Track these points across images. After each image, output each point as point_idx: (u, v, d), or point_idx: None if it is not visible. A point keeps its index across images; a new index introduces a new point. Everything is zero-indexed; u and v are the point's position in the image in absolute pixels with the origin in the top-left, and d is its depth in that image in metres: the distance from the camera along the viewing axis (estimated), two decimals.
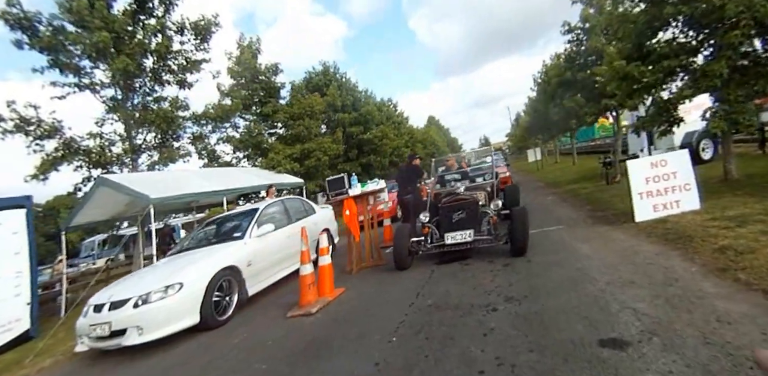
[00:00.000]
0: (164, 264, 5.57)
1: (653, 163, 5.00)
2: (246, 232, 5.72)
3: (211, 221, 6.98)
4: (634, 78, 5.70)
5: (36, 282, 7.20)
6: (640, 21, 5.71)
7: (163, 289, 4.36)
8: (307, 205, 7.66)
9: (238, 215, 6.61)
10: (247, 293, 5.18)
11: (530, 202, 9.93)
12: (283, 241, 6.13)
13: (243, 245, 5.48)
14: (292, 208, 7.16)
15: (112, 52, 9.36)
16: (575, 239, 5.16)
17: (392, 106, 35.99)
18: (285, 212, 6.85)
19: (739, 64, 5.14)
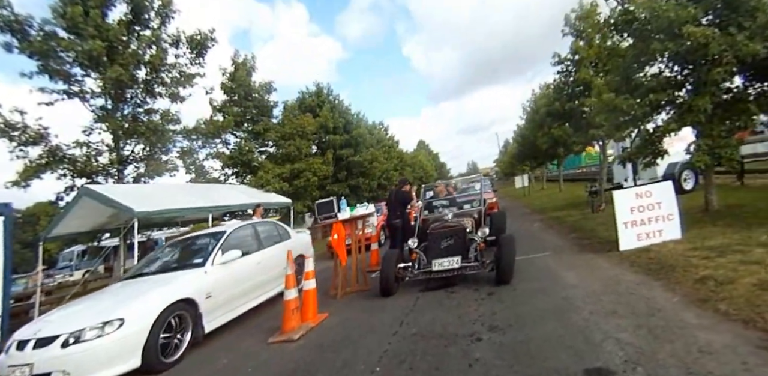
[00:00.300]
0: (112, 292, 4.95)
1: (638, 194, 5.14)
2: (208, 258, 5.08)
3: (173, 243, 6.43)
4: (622, 110, 5.92)
5: (8, 294, 6.87)
6: (628, 55, 6.00)
7: (100, 325, 3.73)
8: (281, 229, 7.14)
9: (202, 238, 5.97)
10: (203, 329, 4.56)
11: (517, 228, 10.00)
12: (251, 268, 5.63)
13: (203, 274, 4.84)
14: (264, 232, 6.63)
15: (105, 61, 9.35)
16: (560, 266, 5.18)
17: (383, 130, 36.62)
18: (256, 236, 6.32)
19: (722, 99, 5.37)
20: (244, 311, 5.36)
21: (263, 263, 5.88)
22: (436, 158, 74.88)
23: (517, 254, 6.28)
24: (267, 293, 5.96)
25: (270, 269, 6.00)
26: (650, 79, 5.86)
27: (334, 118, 20.43)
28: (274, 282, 6.05)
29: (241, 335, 4.95)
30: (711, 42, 4.92)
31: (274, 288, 6.06)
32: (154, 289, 4.40)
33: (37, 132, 9.06)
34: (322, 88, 22.03)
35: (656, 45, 5.42)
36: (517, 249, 6.67)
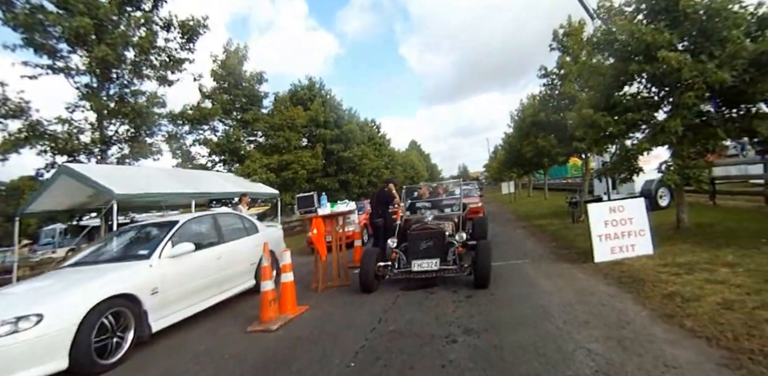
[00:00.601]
0: (42, 281, 4.52)
1: (612, 208, 5.32)
2: (155, 251, 4.60)
3: (124, 230, 5.87)
4: (599, 127, 6.10)
5: None
6: (608, 74, 6.18)
7: (13, 320, 3.26)
8: (248, 222, 6.70)
9: (152, 228, 5.48)
10: (150, 328, 4.15)
11: (500, 233, 10.21)
12: (210, 263, 5.20)
13: (147, 268, 4.38)
14: (227, 224, 6.15)
15: (92, 39, 9.10)
16: (538, 274, 5.32)
17: (375, 127, 36.58)
18: (216, 228, 5.84)
19: (693, 123, 5.60)
20: (203, 308, 4.99)
21: (225, 258, 5.46)
22: (428, 159, 75.20)
23: (498, 260, 6.51)
24: (230, 290, 5.57)
25: (234, 265, 5.63)
26: (628, 99, 6.07)
27: (325, 112, 20.36)
28: (240, 278, 5.79)
29: (223, 322, 4.99)
30: (684, 67, 5.15)
31: (240, 284, 5.80)
32: (88, 282, 3.93)
33: (18, 105, 8.76)
34: (315, 83, 21.95)
35: (634, 66, 5.64)
36: (499, 255, 6.89)
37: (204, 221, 5.88)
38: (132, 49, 10.05)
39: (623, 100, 6.06)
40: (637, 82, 6.12)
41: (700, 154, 5.80)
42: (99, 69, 9.41)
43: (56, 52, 9.17)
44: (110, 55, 9.03)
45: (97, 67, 9.29)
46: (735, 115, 5.63)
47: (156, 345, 4.28)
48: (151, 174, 9.45)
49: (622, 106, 6.03)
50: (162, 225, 5.35)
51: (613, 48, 6.03)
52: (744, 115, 5.54)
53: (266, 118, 15.59)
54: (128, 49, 9.92)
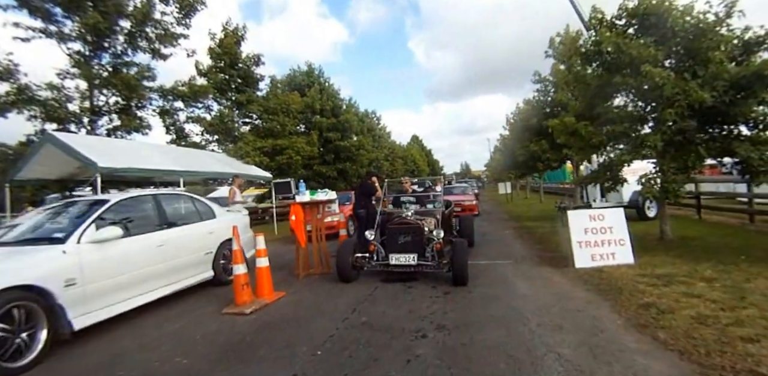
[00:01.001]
0: None
1: (591, 216, 5.32)
2: (72, 234, 3.84)
3: (53, 206, 5.15)
4: (580, 136, 6.08)
5: None
6: (594, 84, 6.15)
7: None
8: (202, 206, 5.85)
9: (76, 206, 4.66)
10: (71, 325, 3.49)
11: (490, 232, 10.22)
12: (149, 252, 4.47)
13: (60, 255, 3.63)
14: (173, 207, 5.38)
15: (88, 5, 8.82)
16: (519, 276, 5.30)
17: (375, 119, 36.36)
18: (158, 211, 5.01)
19: (675, 139, 5.59)
20: (142, 303, 4.34)
21: (170, 246, 4.76)
22: (430, 154, 74.70)
23: (482, 259, 6.53)
24: (179, 282, 4.91)
25: (182, 253, 4.97)
26: (613, 110, 6.05)
27: (321, 100, 20.12)
28: (191, 269, 5.15)
29: (206, 301, 4.99)
30: (666, 84, 5.16)
31: (192, 276, 5.16)
32: None
33: (6, 68, 8.50)
34: (314, 69, 21.64)
35: (618, 79, 5.65)
36: (484, 254, 6.92)
37: (143, 201, 5.01)
38: (127, 18, 9.77)
39: (607, 111, 6.03)
40: (622, 94, 6.10)
41: (680, 169, 5.81)
42: (91, 36, 9.14)
43: (51, 15, 8.88)
44: (102, 24, 8.76)
45: (87, 34, 9.02)
46: (716, 134, 5.66)
47: (129, 323, 4.21)
48: (140, 148, 9.26)
49: (604, 117, 6.01)
50: (87, 204, 4.57)
51: (600, 59, 5.98)
52: (726, 136, 5.59)
53: (260, 101, 15.34)
54: (123, 19, 9.63)
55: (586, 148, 6.44)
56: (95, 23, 8.75)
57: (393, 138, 45.71)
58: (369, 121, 33.06)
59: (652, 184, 5.75)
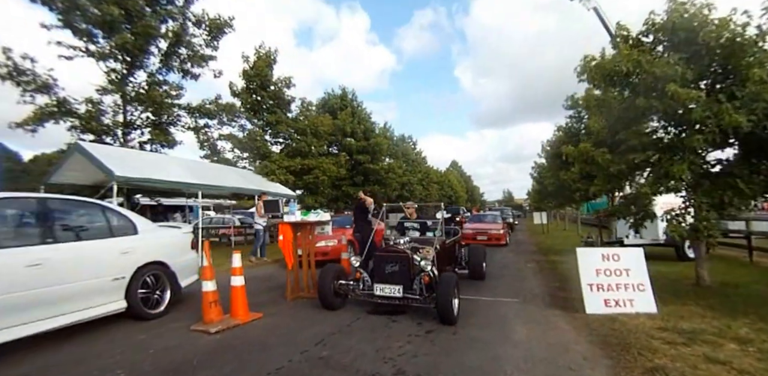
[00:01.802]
0: None
1: (604, 256, 4.67)
2: None
3: None
4: (597, 164, 5.46)
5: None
6: (615, 107, 5.54)
7: None
8: (117, 218, 4.63)
9: None
10: None
11: (510, 264, 9.52)
12: (14, 273, 3.40)
13: None
14: (66, 217, 4.19)
15: (121, 27, 9.50)
16: (520, 317, 4.70)
17: (411, 144, 36.40)
18: (39, 220, 3.93)
19: (709, 170, 4.83)
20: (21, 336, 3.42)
21: (49, 267, 3.62)
22: (469, 181, 73.38)
23: (488, 294, 5.97)
24: (70, 315, 3.82)
25: (74, 278, 3.86)
26: (635, 136, 5.37)
27: (352, 122, 20.43)
28: (90, 298, 4.02)
29: (183, 313, 4.89)
30: (695, 106, 4.48)
31: (92, 308, 4.05)
32: None
33: (45, 81, 9.24)
34: (347, 93, 22.16)
35: (641, 101, 5.01)
36: (492, 288, 6.41)
37: (20, 205, 3.91)
38: (162, 39, 10.45)
39: (629, 137, 5.38)
40: (647, 119, 5.44)
41: (715, 206, 5.00)
42: (123, 55, 9.83)
43: (92, 36, 9.67)
44: (130, 44, 9.39)
45: (119, 53, 9.70)
46: (764, 167, 4.82)
47: (99, 329, 4.20)
48: (162, 161, 9.65)
49: (627, 144, 5.37)
50: None
51: (623, 80, 5.42)
52: None
53: (288, 121, 15.75)
54: (156, 40, 10.31)
55: (604, 179, 5.79)
56: (124, 43, 9.40)
57: (433, 163, 45.48)
58: (404, 146, 33.15)
59: (680, 221, 5.00)
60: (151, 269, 4.69)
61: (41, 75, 9.23)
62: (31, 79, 9.00)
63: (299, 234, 5.89)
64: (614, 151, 5.75)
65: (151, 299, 4.71)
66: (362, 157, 21.33)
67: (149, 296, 4.69)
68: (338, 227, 9.23)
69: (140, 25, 9.59)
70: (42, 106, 9.37)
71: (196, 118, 12.23)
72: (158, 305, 4.78)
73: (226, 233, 15.08)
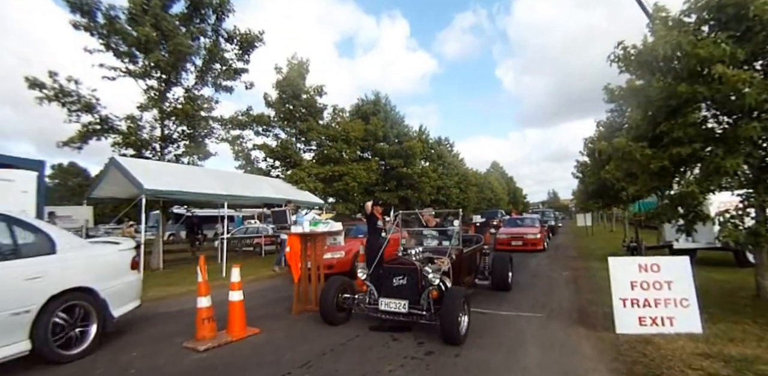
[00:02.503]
0: None
1: (642, 266, 4.01)
2: None
3: None
4: (635, 160, 4.76)
5: None
6: (654, 97, 4.81)
7: None
8: (28, 233, 3.71)
9: None
10: None
11: (543, 272, 8.82)
12: None
13: None
14: None
15: (154, 47, 9.95)
16: (538, 337, 4.18)
17: (448, 146, 35.62)
18: None
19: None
20: None
21: None
22: (511, 182, 70.68)
23: (509, 308, 5.47)
24: None
25: None
26: (678, 128, 4.61)
27: (385, 127, 20.25)
28: None
29: (182, 328, 4.76)
30: (749, 89, 3.79)
31: None
32: None
33: (89, 102, 9.86)
34: (380, 98, 22.06)
35: (683, 88, 4.29)
36: (515, 301, 5.95)
37: None
38: (196, 56, 10.89)
39: (671, 129, 4.66)
40: (694, 108, 4.68)
41: None
42: (157, 73, 10.31)
43: (133, 56, 10.25)
44: (163, 62, 9.81)
45: (151, 70, 10.18)
46: None
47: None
48: (192, 173, 9.97)
49: (668, 137, 4.65)
50: None
51: (662, 65, 4.73)
52: None
53: (319, 128, 15.86)
54: (190, 57, 10.73)
55: (643, 177, 5.09)
56: (157, 62, 9.85)
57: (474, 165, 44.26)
58: (440, 149, 32.51)
59: (736, 224, 4.24)
60: (72, 297, 3.73)
61: (85, 96, 9.90)
62: (75, 100, 9.66)
63: (309, 245, 5.71)
64: (656, 145, 5.06)
65: (69, 335, 3.72)
66: (395, 162, 21.09)
67: (69, 333, 3.72)
68: (353, 236, 8.94)
69: (172, 44, 10.04)
70: (86, 124, 10.04)
71: (229, 129, 12.62)
72: (79, 342, 3.80)
73: (260, 242, 15.36)
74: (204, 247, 14.94)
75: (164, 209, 12.09)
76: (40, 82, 9.34)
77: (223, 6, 11.13)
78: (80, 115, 9.93)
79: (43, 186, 7.63)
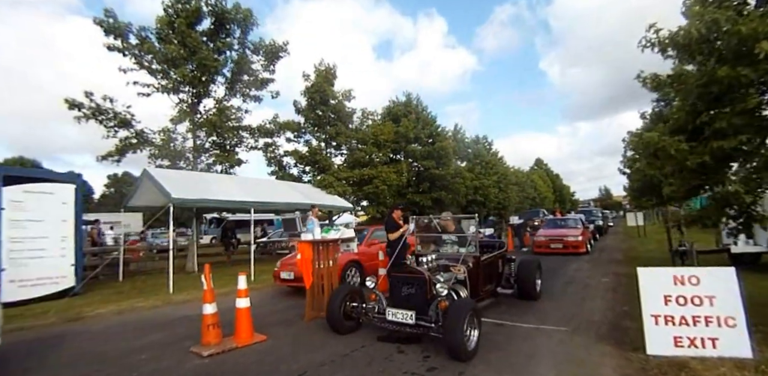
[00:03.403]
0: None
1: (677, 278, 3.49)
2: None
3: None
4: (670, 157, 4.18)
5: (80, 247, 8.34)
6: (693, 83, 4.21)
7: None
8: None
9: None
10: None
11: (581, 279, 8.20)
12: None
13: None
14: None
15: (182, 62, 10.41)
16: (556, 355, 3.78)
17: (486, 144, 34.56)
18: None
19: None
20: None
21: None
22: (557, 180, 67.24)
23: (531, 320, 5.14)
24: None
25: None
26: (722, 117, 3.98)
27: (416, 128, 19.90)
28: None
29: (192, 332, 4.83)
30: None
31: None
32: None
33: (124, 118, 10.47)
34: (411, 99, 21.75)
35: (724, 70, 3.69)
36: (541, 311, 5.60)
37: None
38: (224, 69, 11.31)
39: (713, 119, 4.06)
40: (742, 93, 4.04)
41: None
42: (189, 87, 10.78)
43: (166, 72, 10.78)
44: (189, 77, 10.24)
45: (183, 86, 10.65)
46: None
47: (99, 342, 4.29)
48: (220, 181, 10.25)
49: (710, 129, 4.06)
50: None
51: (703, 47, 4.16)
52: None
53: (347, 132, 15.90)
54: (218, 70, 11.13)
55: (680, 175, 4.52)
56: (184, 76, 10.33)
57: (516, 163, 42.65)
58: (476, 148, 31.64)
59: None
60: None
61: (121, 112, 10.55)
62: (111, 117, 10.32)
63: (321, 252, 5.62)
64: (696, 138, 4.48)
65: None
66: (427, 163, 20.70)
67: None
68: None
69: (197, 59, 10.50)
70: (123, 138, 10.69)
71: (257, 137, 12.98)
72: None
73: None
74: (239, 250, 15.38)
75: (197, 215, 12.59)
76: (78, 102, 10.02)
77: (247, 20, 11.49)
78: (117, 130, 10.56)
79: (80, 197, 8.18)
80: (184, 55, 10.27)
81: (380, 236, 8.34)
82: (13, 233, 6.80)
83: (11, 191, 6.83)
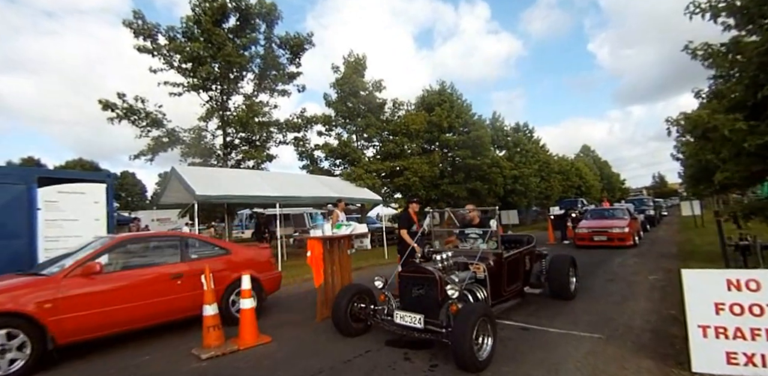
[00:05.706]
0: None
1: (732, 282, 2.87)
2: None
3: None
4: (723, 137, 3.49)
5: None
6: (753, 55, 3.45)
7: None
8: None
9: None
10: None
11: (625, 276, 7.47)
12: None
13: None
14: None
15: (208, 60, 10.51)
16: (579, 368, 3.31)
17: (527, 132, 32.95)
18: None
19: None
20: None
21: None
22: (606, 167, 63.20)
23: (562, 323, 4.67)
24: None
25: None
26: None
27: (450, 117, 19.18)
28: None
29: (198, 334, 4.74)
30: None
31: None
32: None
33: (155, 118, 10.78)
34: (445, 87, 20.97)
35: None
36: (574, 314, 5.09)
37: None
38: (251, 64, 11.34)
39: None
40: None
41: None
42: (216, 85, 10.90)
43: (193, 71, 10.97)
44: (212, 74, 10.32)
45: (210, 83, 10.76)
46: None
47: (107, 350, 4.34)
48: (245, 177, 10.33)
49: None
50: None
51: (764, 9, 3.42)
52: None
53: (377, 124, 15.58)
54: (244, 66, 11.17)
55: (736, 159, 3.82)
56: (208, 73, 10.42)
57: (564, 151, 40.47)
58: (516, 136, 30.22)
59: None
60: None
61: (152, 112, 10.90)
62: (143, 117, 10.68)
63: (332, 248, 5.40)
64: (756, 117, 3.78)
65: None
66: (461, 153, 19.97)
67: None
68: None
69: (221, 55, 10.59)
70: (155, 137, 11.04)
71: (285, 132, 13.01)
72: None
73: None
74: (272, 245, 15.68)
75: (229, 211, 12.86)
76: (111, 103, 10.42)
77: (272, 14, 11.41)
78: (150, 130, 10.92)
79: (112, 196, 8.48)
80: (211, 52, 10.39)
81: None
82: (50, 232, 7.16)
83: (46, 191, 7.16)
